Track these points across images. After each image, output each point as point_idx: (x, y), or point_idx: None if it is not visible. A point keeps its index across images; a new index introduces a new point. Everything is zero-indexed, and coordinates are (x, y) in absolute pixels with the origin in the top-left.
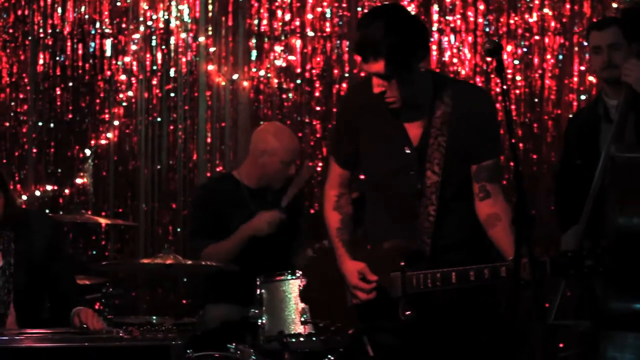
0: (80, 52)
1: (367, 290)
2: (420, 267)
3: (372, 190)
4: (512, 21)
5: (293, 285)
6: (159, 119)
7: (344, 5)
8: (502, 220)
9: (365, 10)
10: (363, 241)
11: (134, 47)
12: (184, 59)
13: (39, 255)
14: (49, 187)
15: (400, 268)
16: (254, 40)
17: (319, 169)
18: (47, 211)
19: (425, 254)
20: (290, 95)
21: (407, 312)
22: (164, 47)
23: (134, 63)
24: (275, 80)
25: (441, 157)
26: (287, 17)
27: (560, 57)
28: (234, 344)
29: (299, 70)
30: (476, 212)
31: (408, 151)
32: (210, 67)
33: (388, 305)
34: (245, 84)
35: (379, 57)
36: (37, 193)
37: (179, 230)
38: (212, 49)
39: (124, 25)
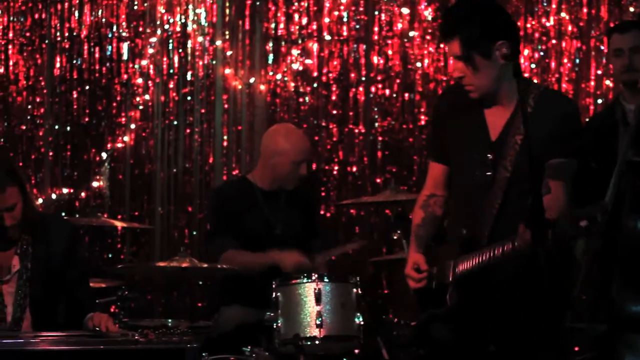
0: (97, 55)
1: (417, 279)
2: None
3: (455, 183)
4: (529, 25)
5: (309, 289)
6: (175, 123)
7: (361, 9)
8: (554, 207)
9: (382, 15)
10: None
11: (150, 51)
12: (200, 63)
13: (56, 260)
14: (65, 190)
15: (456, 254)
16: (270, 44)
17: (334, 172)
18: (63, 214)
19: (481, 241)
20: (307, 98)
21: (449, 297)
22: (180, 50)
23: (151, 66)
24: (292, 84)
25: (515, 155)
26: (304, 20)
27: (577, 61)
28: (249, 347)
29: (315, 74)
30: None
31: (486, 145)
32: (227, 71)
33: (441, 292)
34: (262, 87)
35: (454, 36)
36: (54, 196)
37: (194, 233)
38: (229, 53)
39: (140, 29)
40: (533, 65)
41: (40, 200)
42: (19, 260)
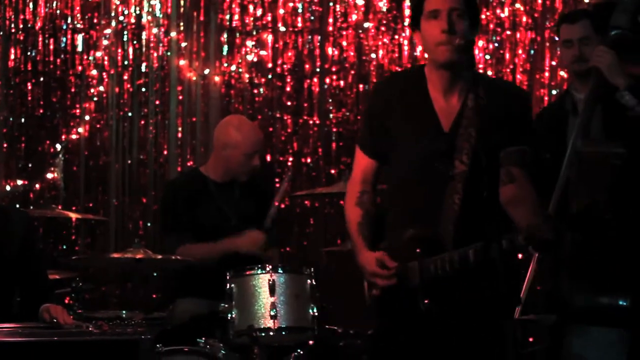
0: (51, 47)
1: (386, 275)
2: (441, 254)
3: (399, 177)
4: (483, 16)
5: (263, 280)
6: (130, 114)
7: (316, 0)
8: (527, 202)
9: (337, 7)
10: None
11: (105, 42)
12: (155, 54)
13: (12, 251)
14: (19, 182)
15: (418, 255)
16: (225, 35)
17: (289, 163)
18: (17, 206)
19: (446, 241)
20: (262, 90)
21: (426, 301)
22: (135, 42)
23: (106, 58)
24: (247, 75)
25: (470, 148)
26: (259, 12)
27: (532, 52)
28: (203, 339)
29: (270, 65)
30: (500, 198)
31: (439, 136)
32: (182, 62)
33: (407, 297)
34: (217, 79)
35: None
36: (8, 188)
37: (149, 225)
38: (183, 44)
39: (95, 20)
40: (488, 57)
41: None
42: None
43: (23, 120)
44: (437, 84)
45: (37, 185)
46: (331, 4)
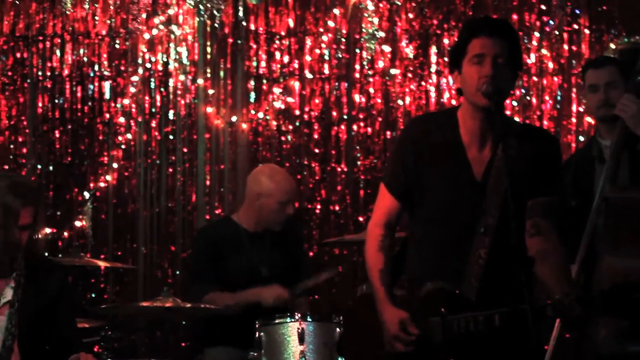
0: (79, 94)
1: (407, 341)
2: (464, 311)
3: (425, 223)
4: None
5: (292, 328)
6: (157, 162)
7: (342, 47)
8: (552, 258)
9: (364, 53)
10: (407, 283)
11: (132, 90)
12: (182, 101)
13: (46, 303)
14: (47, 230)
15: (440, 312)
16: (252, 82)
17: (317, 211)
18: (46, 254)
19: (469, 297)
20: (289, 137)
21: None
22: (162, 89)
23: (133, 105)
24: (274, 123)
25: (500, 199)
26: (286, 59)
27: (559, 98)
28: None
29: (297, 112)
30: (527, 250)
31: (471, 186)
32: (209, 110)
33: (430, 353)
34: (244, 126)
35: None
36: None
37: (177, 273)
38: (210, 91)
39: (122, 68)
40: (515, 103)
41: None
42: (11, 292)
43: (51, 168)
44: (471, 130)
45: (66, 233)
46: (358, 50)
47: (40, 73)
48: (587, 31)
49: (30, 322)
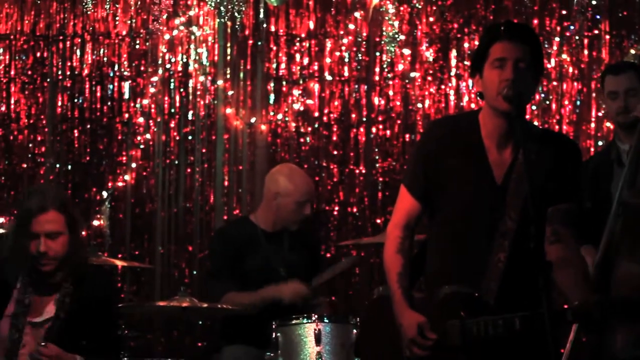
0: (98, 94)
1: (424, 346)
2: (483, 314)
3: (445, 225)
4: None
5: (309, 329)
6: (176, 162)
7: (363, 49)
8: (572, 265)
9: (384, 56)
10: (425, 285)
11: (152, 90)
12: (202, 102)
13: (91, 312)
14: None
15: (459, 314)
16: (272, 84)
17: (335, 213)
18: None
19: (488, 301)
20: (308, 139)
21: None
22: (182, 90)
23: (152, 106)
24: (293, 124)
25: (520, 204)
26: (306, 61)
27: (578, 103)
28: None
29: (316, 114)
30: (545, 255)
31: (491, 189)
32: (228, 110)
33: (448, 356)
34: (263, 127)
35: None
36: None
37: (195, 273)
38: (230, 92)
39: (142, 68)
40: (534, 107)
41: None
42: (54, 308)
43: (69, 167)
44: (493, 134)
45: (83, 233)
46: (378, 53)
47: (60, 72)
48: (607, 36)
49: (68, 333)
